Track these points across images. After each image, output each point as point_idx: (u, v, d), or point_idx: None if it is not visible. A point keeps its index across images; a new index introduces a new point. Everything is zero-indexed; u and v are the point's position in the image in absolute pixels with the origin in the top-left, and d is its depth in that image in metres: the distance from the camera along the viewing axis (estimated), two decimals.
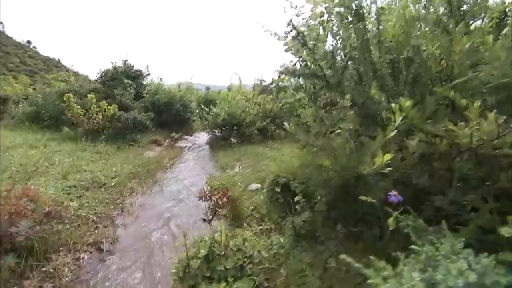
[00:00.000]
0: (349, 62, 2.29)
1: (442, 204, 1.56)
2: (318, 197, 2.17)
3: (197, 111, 7.28)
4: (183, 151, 6.54)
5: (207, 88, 15.63)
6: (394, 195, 1.50)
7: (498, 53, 1.77)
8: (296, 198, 2.34)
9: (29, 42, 46.48)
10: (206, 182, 3.05)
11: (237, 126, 6.36)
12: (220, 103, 7.25)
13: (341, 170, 1.76)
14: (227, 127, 6.52)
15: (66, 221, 2.43)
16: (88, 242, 2.42)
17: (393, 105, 1.64)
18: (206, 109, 6.85)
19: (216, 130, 6.83)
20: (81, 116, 6.46)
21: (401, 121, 1.60)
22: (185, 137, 8.52)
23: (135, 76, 8.87)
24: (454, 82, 1.74)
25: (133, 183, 4.10)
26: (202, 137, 7.84)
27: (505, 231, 1.23)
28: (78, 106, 6.43)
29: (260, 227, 2.46)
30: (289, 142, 5.10)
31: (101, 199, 3.39)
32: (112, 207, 3.27)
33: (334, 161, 1.79)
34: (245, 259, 1.66)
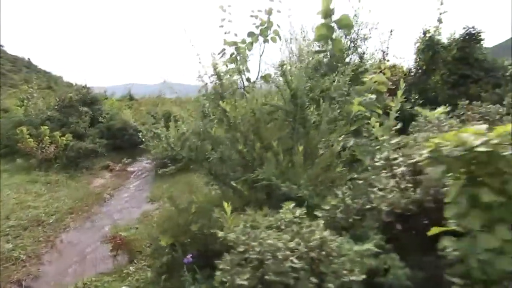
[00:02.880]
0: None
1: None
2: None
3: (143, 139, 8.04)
4: (129, 178, 7.35)
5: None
6: (187, 258, 2.48)
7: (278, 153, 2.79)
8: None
9: None
10: (108, 229, 3.94)
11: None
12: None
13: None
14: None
15: None
16: (12, 281, 3.26)
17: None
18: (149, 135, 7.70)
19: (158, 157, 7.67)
20: (34, 148, 7.10)
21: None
22: (140, 158, 9.29)
23: (92, 102, 9.52)
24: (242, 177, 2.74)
25: (69, 218, 4.91)
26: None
27: None
28: (31, 140, 7.07)
29: (144, 263, 3.40)
30: None
31: (36, 238, 4.20)
32: (43, 245, 4.08)
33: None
34: None
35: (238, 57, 4.00)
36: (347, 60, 8.88)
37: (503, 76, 4.64)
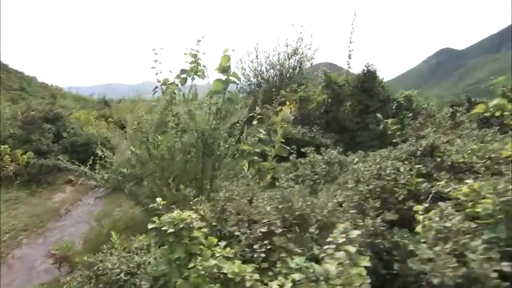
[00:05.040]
0: None
1: None
2: None
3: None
4: (88, 192, 7.95)
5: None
6: None
7: None
8: None
9: None
10: (54, 244, 4.62)
11: None
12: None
13: None
14: None
15: None
16: None
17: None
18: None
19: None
20: None
21: None
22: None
23: (56, 118, 9.97)
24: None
25: (23, 235, 5.51)
26: None
27: None
28: None
29: (80, 273, 4.11)
30: None
31: None
32: None
33: None
34: None
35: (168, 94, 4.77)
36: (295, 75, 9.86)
37: (391, 109, 5.69)
